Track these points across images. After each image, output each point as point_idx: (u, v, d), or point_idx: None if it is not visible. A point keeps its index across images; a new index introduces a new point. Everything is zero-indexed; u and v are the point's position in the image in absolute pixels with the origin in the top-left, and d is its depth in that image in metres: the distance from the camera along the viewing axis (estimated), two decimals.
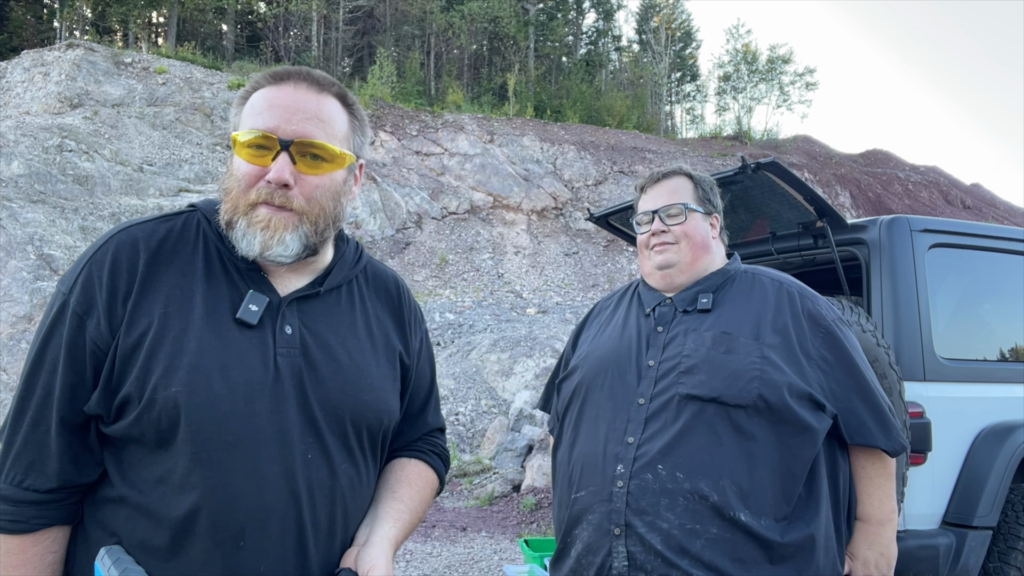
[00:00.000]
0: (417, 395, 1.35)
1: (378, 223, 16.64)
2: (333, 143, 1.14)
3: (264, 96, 1.14)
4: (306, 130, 1.11)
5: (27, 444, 1.07)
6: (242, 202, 1.11)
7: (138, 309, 1.08)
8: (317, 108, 1.14)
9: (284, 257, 1.12)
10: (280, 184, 1.09)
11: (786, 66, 32.08)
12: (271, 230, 1.10)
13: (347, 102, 1.21)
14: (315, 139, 1.12)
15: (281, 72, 1.17)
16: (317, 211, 1.14)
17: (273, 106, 1.12)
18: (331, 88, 1.18)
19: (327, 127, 1.14)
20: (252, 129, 1.11)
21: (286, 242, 1.11)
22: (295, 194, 1.11)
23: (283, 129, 1.10)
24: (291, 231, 1.11)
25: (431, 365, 1.40)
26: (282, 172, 1.09)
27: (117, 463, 1.09)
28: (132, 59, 18.71)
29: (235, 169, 1.13)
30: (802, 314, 1.57)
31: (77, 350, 1.07)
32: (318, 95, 1.15)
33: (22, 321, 10.20)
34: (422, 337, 1.37)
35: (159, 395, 1.03)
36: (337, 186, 1.17)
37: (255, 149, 1.11)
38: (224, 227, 1.14)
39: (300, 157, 1.11)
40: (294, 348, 1.13)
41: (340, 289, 1.25)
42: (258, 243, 1.10)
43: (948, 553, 2.83)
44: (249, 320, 1.11)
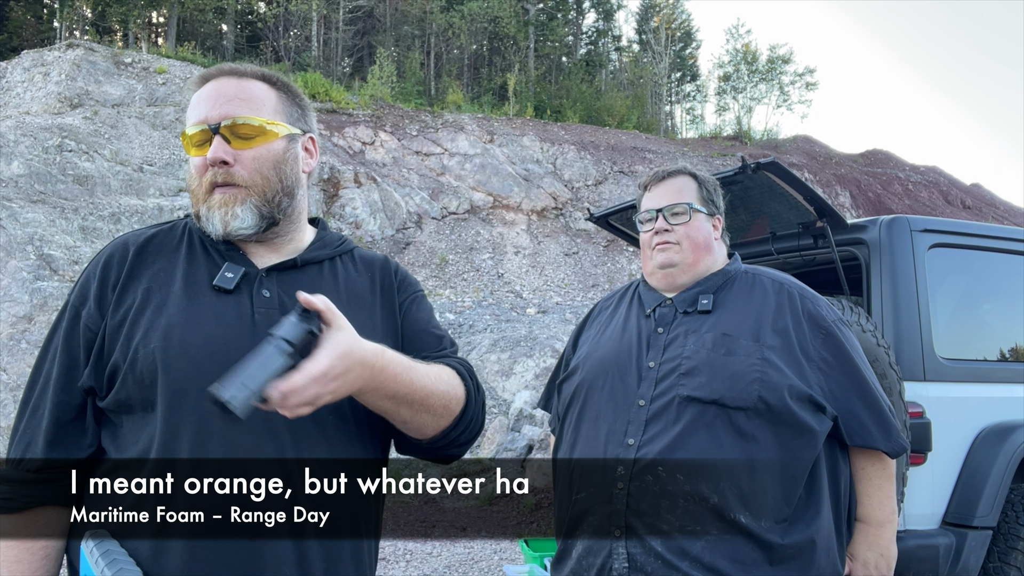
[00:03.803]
0: (422, 342, 1.31)
1: (378, 223, 16.64)
2: (260, 116, 1.22)
3: (194, 97, 1.25)
4: (228, 111, 1.20)
5: (27, 429, 1.15)
6: (200, 192, 1.21)
7: (125, 291, 1.18)
8: (237, 90, 1.23)
9: (244, 230, 1.20)
10: (218, 163, 1.18)
11: (786, 66, 32.07)
12: (225, 207, 1.19)
13: (272, 82, 1.28)
14: (239, 115, 1.20)
15: (205, 74, 1.27)
16: (260, 181, 1.21)
17: (200, 101, 1.22)
18: (252, 74, 1.27)
19: (249, 104, 1.22)
20: (190, 125, 1.21)
21: (239, 215, 1.19)
22: (236, 170, 1.20)
23: (211, 116, 1.20)
24: (240, 204, 1.20)
25: (432, 320, 1.38)
26: (216, 151, 1.18)
27: (113, 438, 1.14)
28: (132, 59, 18.70)
29: (191, 167, 1.24)
30: (802, 315, 1.57)
31: (73, 337, 1.17)
32: (238, 80, 1.24)
33: (22, 321, 10.20)
34: (415, 295, 1.38)
35: (140, 354, 1.11)
36: (276, 155, 1.24)
37: (197, 143, 1.20)
38: (196, 220, 1.23)
39: (232, 136, 1.20)
40: (272, 308, 1.18)
41: (322, 264, 1.29)
42: (219, 221, 1.19)
43: (948, 553, 2.83)
44: (225, 285, 1.18)
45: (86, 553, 1.02)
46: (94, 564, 1.01)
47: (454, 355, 1.35)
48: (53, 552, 1.13)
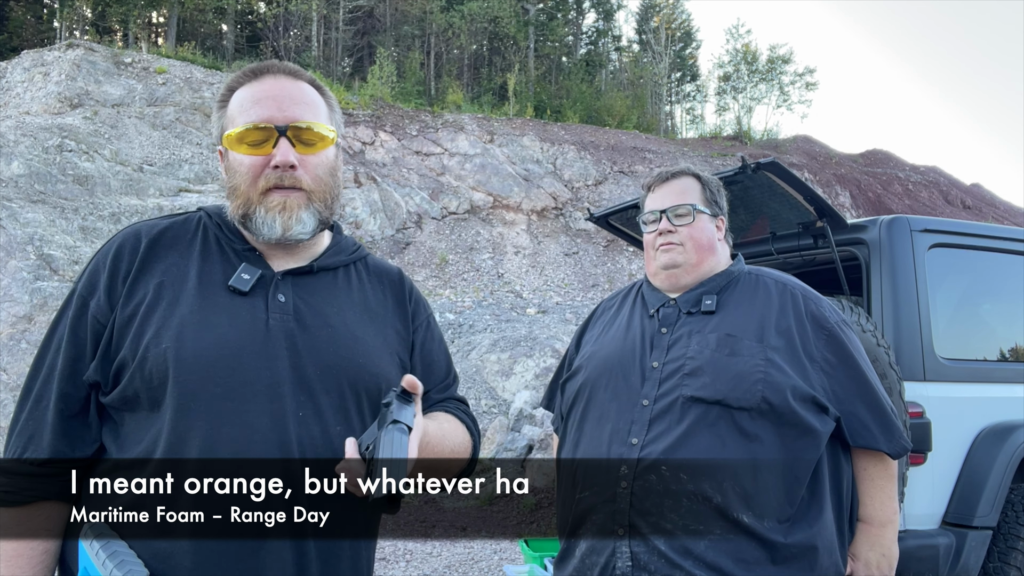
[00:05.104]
0: (431, 374, 1.34)
1: (378, 223, 16.64)
2: (320, 121, 1.22)
3: (248, 92, 1.21)
4: (297, 114, 1.19)
5: (29, 419, 1.13)
6: (253, 193, 1.17)
7: (136, 284, 1.15)
8: (300, 94, 1.22)
9: (304, 234, 1.19)
10: (287, 166, 1.16)
11: (786, 66, 32.05)
12: (288, 211, 1.17)
13: (317, 87, 1.28)
14: (305, 120, 1.19)
15: (257, 68, 1.24)
16: (323, 187, 1.21)
17: (260, 99, 1.19)
18: (303, 76, 1.26)
19: (313, 109, 1.22)
20: (247, 123, 1.17)
21: (303, 220, 1.18)
22: (301, 174, 1.18)
23: (277, 117, 1.17)
24: (305, 209, 1.19)
25: (443, 348, 1.40)
26: (287, 155, 1.16)
27: (115, 436, 1.12)
28: (132, 59, 18.69)
29: (238, 165, 1.19)
30: (805, 316, 1.58)
31: (80, 327, 1.14)
32: (296, 82, 1.23)
33: (22, 321, 10.20)
34: (427, 319, 1.38)
35: (150, 353, 1.09)
36: (332, 162, 1.25)
37: (253, 142, 1.17)
38: (240, 221, 1.20)
39: (297, 141, 1.18)
40: (287, 314, 1.17)
41: (337, 271, 1.29)
42: (279, 225, 1.17)
43: (948, 553, 2.84)
44: (240, 287, 1.16)
45: (88, 551, 1.01)
46: (101, 566, 1.00)
47: (456, 390, 1.38)
48: (52, 547, 1.12)
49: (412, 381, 1.06)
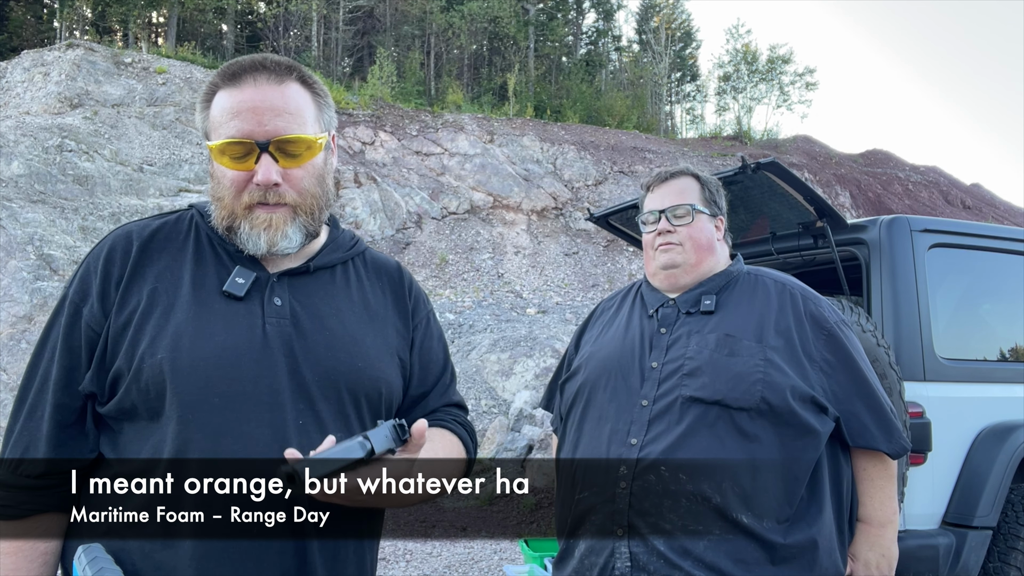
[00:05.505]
0: (428, 373, 1.32)
1: (378, 223, 16.64)
2: (306, 131, 1.15)
3: (228, 100, 1.14)
4: (279, 127, 1.12)
5: (24, 431, 1.10)
6: (238, 207, 1.14)
7: (129, 290, 1.12)
8: (283, 102, 1.14)
9: (290, 249, 1.16)
10: (269, 185, 1.12)
11: (786, 66, 32.06)
12: (273, 228, 1.14)
13: (306, 81, 1.20)
14: (290, 134, 1.12)
15: (236, 69, 1.16)
16: (309, 200, 1.17)
17: (240, 111, 1.12)
18: (289, 74, 1.17)
19: (298, 118, 1.14)
20: (228, 138, 1.11)
21: (289, 235, 1.15)
22: (285, 189, 1.14)
23: (257, 132, 1.11)
24: (290, 224, 1.15)
25: (442, 344, 1.38)
26: (268, 174, 1.12)
27: (113, 445, 1.11)
28: (132, 59, 18.69)
29: (221, 176, 1.15)
30: (804, 316, 1.58)
31: (73, 335, 1.11)
32: (279, 86, 1.14)
33: (22, 321, 10.20)
34: (427, 316, 1.36)
35: (146, 363, 1.06)
36: (320, 170, 1.19)
37: (236, 156, 1.12)
38: (224, 231, 1.16)
39: (280, 154, 1.12)
40: (284, 318, 1.15)
41: (334, 269, 1.26)
42: (264, 242, 1.14)
43: (948, 553, 2.84)
44: (235, 292, 1.13)
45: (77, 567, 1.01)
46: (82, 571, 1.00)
47: (454, 389, 1.35)
48: (52, 558, 1.11)
49: (420, 431, 1.03)
